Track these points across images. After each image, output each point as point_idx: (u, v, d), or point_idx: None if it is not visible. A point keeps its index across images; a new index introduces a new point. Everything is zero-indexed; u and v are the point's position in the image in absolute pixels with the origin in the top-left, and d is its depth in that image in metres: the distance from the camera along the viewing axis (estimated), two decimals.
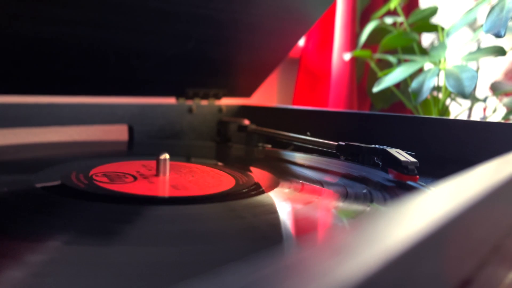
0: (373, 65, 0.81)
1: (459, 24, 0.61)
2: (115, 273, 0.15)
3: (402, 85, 0.83)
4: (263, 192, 0.28)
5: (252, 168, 0.37)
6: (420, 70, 0.65)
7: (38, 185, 0.28)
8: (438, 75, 0.57)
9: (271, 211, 0.25)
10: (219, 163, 0.40)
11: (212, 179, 0.32)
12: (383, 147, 0.34)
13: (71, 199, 0.26)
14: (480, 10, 0.59)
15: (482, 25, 0.49)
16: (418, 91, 0.56)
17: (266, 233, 0.21)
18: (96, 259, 0.16)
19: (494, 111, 0.80)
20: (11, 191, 0.27)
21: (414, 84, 0.57)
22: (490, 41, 0.87)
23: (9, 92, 0.47)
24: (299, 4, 0.53)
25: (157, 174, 0.32)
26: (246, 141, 0.52)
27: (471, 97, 0.79)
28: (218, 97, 0.62)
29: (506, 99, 0.79)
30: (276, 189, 0.29)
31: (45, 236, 0.19)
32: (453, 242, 0.12)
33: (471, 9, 0.60)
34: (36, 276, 0.14)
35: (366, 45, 0.85)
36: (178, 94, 0.59)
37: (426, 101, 0.68)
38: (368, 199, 0.27)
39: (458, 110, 0.82)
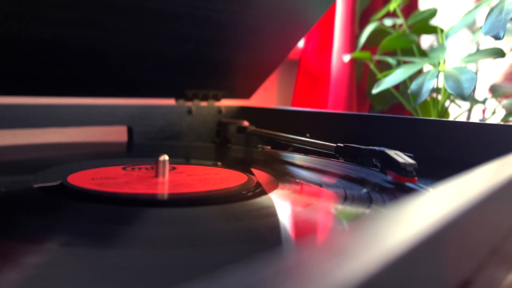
0: (372, 66, 0.81)
1: (458, 26, 0.61)
2: (114, 275, 0.15)
3: (402, 86, 0.83)
4: (262, 193, 0.28)
5: (251, 170, 0.37)
6: (420, 72, 0.65)
7: (37, 186, 0.28)
8: (437, 76, 0.57)
9: (270, 212, 0.25)
10: (219, 163, 0.40)
11: (212, 180, 0.32)
12: (382, 148, 0.34)
13: (70, 200, 0.26)
14: (479, 12, 0.59)
15: (481, 27, 0.49)
16: (417, 93, 0.56)
17: (265, 234, 0.21)
18: (95, 261, 0.16)
19: (493, 113, 0.81)
20: (10, 191, 0.27)
21: (413, 86, 0.57)
22: (489, 43, 0.87)
23: (8, 93, 0.47)
24: (298, 6, 0.53)
25: (156, 176, 0.32)
26: (246, 142, 0.52)
27: (470, 98, 0.79)
28: (217, 98, 0.62)
29: (505, 101, 0.79)
30: (275, 191, 0.29)
31: (44, 237, 0.19)
32: (452, 244, 0.12)
33: (470, 11, 0.60)
34: (34, 278, 0.14)
35: (366, 46, 0.85)
36: (177, 96, 0.59)
37: (425, 102, 0.68)
38: (367, 201, 0.27)
39: (457, 111, 0.83)
